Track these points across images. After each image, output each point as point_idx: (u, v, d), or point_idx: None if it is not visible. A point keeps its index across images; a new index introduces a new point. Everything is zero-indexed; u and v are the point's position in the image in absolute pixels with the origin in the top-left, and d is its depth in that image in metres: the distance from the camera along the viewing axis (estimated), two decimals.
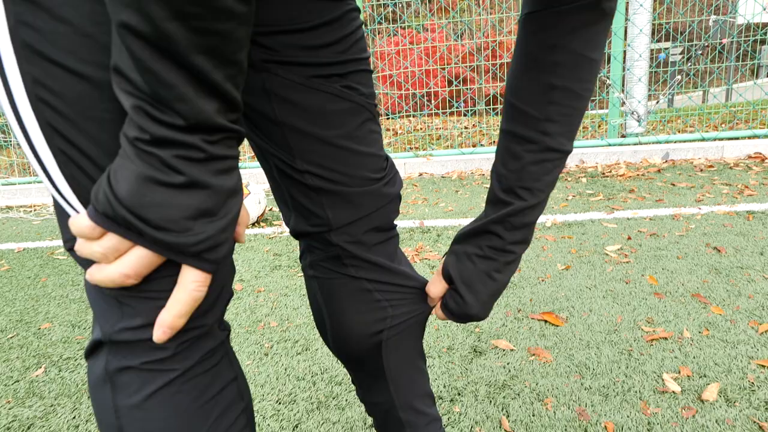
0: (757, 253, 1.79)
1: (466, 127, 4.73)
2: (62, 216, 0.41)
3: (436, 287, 0.62)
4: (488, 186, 3.36)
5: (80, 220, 0.36)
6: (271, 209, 3.18)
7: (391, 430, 0.73)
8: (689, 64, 4.06)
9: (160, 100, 0.32)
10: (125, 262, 0.36)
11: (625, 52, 3.82)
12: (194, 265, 0.37)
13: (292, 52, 0.50)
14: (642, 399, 1.07)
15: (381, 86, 4.37)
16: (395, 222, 0.64)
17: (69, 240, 0.41)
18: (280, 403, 1.16)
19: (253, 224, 2.79)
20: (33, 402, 1.24)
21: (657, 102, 3.99)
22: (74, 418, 1.16)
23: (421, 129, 4.89)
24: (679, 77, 3.96)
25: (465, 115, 4.52)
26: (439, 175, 3.85)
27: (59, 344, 1.53)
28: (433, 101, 4.35)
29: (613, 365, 1.20)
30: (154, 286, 0.39)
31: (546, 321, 1.44)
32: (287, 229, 2.60)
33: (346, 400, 1.15)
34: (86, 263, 0.40)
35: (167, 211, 0.35)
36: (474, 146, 4.19)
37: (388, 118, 4.92)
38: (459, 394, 1.14)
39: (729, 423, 0.98)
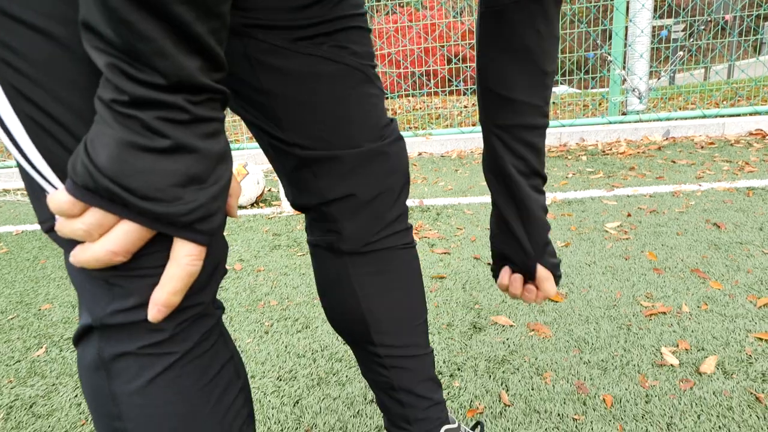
0: (756, 229, 1.78)
1: (465, 106, 4.69)
2: (37, 194, 0.38)
3: (552, 283, 0.64)
4: None
5: (59, 196, 0.33)
6: (269, 190, 3.16)
7: (391, 409, 0.72)
8: (691, 39, 4.00)
9: (137, 56, 0.30)
10: (111, 239, 0.34)
11: (626, 27, 3.77)
12: (187, 238, 0.35)
13: (274, 15, 0.48)
14: (640, 372, 1.08)
15: (379, 65, 4.31)
16: (406, 218, 0.65)
17: (47, 220, 0.38)
18: (280, 380, 1.16)
19: (252, 204, 2.78)
20: (35, 381, 1.25)
21: (658, 79, 3.94)
22: (76, 396, 1.17)
23: (420, 108, 4.85)
24: (681, 53, 3.91)
25: (465, 93, 4.47)
26: (438, 154, 3.83)
27: (60, 324, 1.54)
28: (432, 80, 4.31)
29: (612, 340, 1.20)
30: (145, 263, 0.37)
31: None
32: (286, 209, 2.60)
33: (347, 376, 1.16)
34: (68, 244, 0.37)
35: (153, 178, 0.32)
36: (474, 125, 4.16)
37: (387, 98, 4.87)
38: (459, 369, 1.14)
39: (726, 395, 0.99)
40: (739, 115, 3.61)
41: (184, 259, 0.36)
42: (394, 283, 0.64)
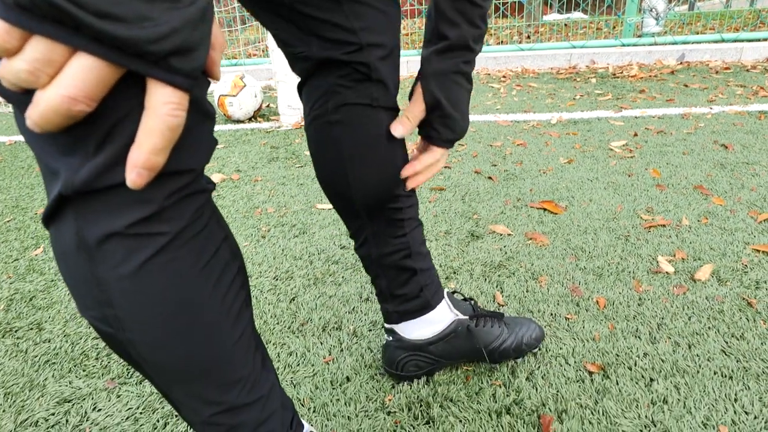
0: (765, 150, 1.74)
1: None
2: None
3: (418, 108, 0.62)
4: (493, 85, 3.22)
5: None
6: (268, 105, 3.08)
7: (403, 279, 0.74)
8: None
9: None
10: (65, 81, 0.26)
11: None
12: (163, 79, 0.28)
13: None
14: (635, 278, 1.08)
15: None
16: None
17: None
18: (277, 279, 1.17)
19: (250, 119, 2.71)
20: (33, 278, 1.26)
21: (678, 1, 3.72)
22: None
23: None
24: None
25: None
26: None
27: None
28: None
29: (609, 249, 1.20)
30: (114, 104, 0.30)
31: (545, 209, 1.43)
32: (284, 124, 2.53)
33: (343, 276, 1.16)
34: (22, 101, 0.29)
35: None
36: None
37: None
38: (455, 273, 1.15)
39: (719, 299, 0.99)
40: (758, 40, 3.44)
41: (162, 107, 0.29)
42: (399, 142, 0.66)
